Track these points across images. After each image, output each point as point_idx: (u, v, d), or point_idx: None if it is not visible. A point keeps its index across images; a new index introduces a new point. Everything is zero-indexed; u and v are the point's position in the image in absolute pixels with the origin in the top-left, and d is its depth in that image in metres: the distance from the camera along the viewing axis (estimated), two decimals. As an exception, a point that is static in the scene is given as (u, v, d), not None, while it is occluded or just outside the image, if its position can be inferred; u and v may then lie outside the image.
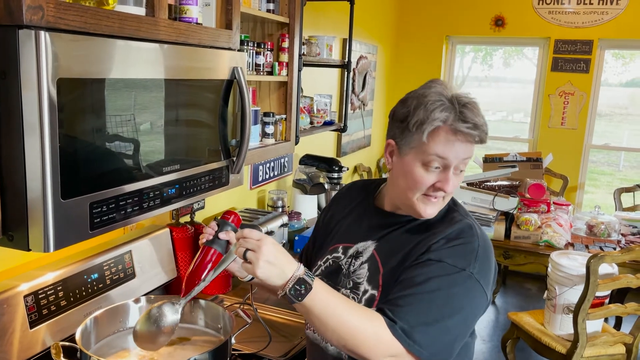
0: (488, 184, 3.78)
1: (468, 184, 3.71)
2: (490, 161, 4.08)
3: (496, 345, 3.55)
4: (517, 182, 3.80)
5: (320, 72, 3.26)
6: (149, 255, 1.73)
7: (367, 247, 1.21)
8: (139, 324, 1.12)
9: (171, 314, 1.11)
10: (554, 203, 3.63)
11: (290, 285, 1.01)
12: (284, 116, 2.23)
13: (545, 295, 2.85)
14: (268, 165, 2.79)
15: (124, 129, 1.16)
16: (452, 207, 1.21)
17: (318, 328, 1.05)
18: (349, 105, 3.54)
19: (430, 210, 1.15)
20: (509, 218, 3.44)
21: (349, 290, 1.19)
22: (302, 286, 1.01)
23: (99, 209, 1.11)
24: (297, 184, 2.96)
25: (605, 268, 2.60)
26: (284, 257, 1.03)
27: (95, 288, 1.51)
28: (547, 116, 4.70)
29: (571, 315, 2.59)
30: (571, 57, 4.57)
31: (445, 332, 1.06)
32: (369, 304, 1.15)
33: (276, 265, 1.02)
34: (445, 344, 1.07)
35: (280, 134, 2.23)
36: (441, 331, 1.06)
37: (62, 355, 1.03)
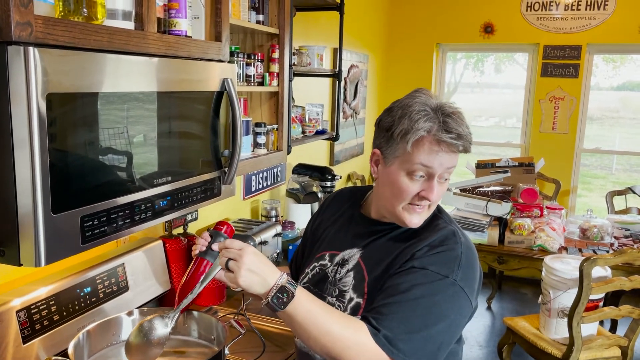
0: (481, 189, 3.80)
1: (461, 190, 3.73)
2: (482, 167, 4.10)
3: (493, 351, 3.55)
4: (510, 187, 3.82)
5: (311, 81, 3.28)
6: (142, 267, 1.73)
7: (353, 255, 1.22)
8: (130, 337, 1.11)
9: (161, 327, 1.11)
10: (547, 207, 3.65)
11: (273, 294, 1.02)
12: (275, 126, 2.24)
13: (540, 299, 2.86)
14: (261, 175, 2.80)
15: (115, 142, 1.17)
16: (437, 215, 1.22)
17: (301, 336, 1.05)
18: (341, 114, 3.56)
19: (415, 219, 1.16)
20: (502, 223, 3.46)
21: (334, 298, 1.20)
22: (284, 294, 1.02)
23: (90, 223, 1.11)
24: (291, 193, 2.97)
25: (598, 271, 2.61)
26: (266, 266, 1.05)
27: (89, 302, 1.51)
28: (538, 121, 4.74)
29: (566, 319, 2.60)
30: (560, 63, 4.62)
31: (429, 340, 1.06)
32: (354, 312, 1.15)
33: (258, 273, 1.04)
34: (429, 352, 1.07)
35: (272, 144, 2.24)
36: (425, 339, 1.06)
37: (54, 370, 1.03)
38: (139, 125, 1.24)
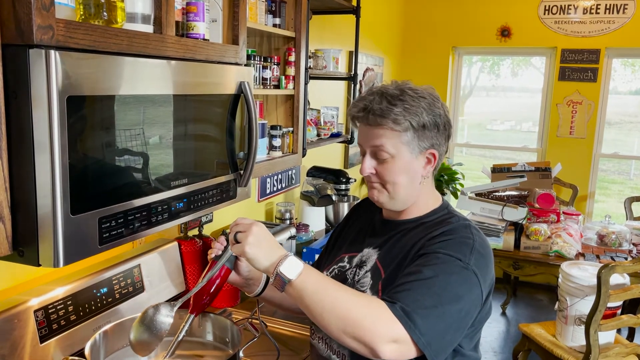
0: (496, 194, 3.77)
1: (476, 195, 3.70)
2: (498, 171, 4.06)
3: (507, 357, 3.51)
4: (526, 192, 3.78)
5: (326, 84, 3.28)
6: (157, 268, 1.74)
7: (371, 256, 1.22)
8: (134, 325, 1.12)
9: (166, 312, 1.10)
10: (563, 213, 3.61)
11: (280, 266, 1.02)
12: (291, 129, 2.24)
13: (556, 306, 2.82)
14: (275, 177, 2.80)
15: (133, 145, 1.18)
16: (451, 213, 1.23)
17: (314, 311, 1.02)
18: (356, 117, 3.54)
19: (372, 194, 1.22)
20: (518, 228, 3.42)
21: None
22: (291, 265, 1.02)
23: (108, 224, 1.12)
24: (305, 196, 2.97)
25: (616, 278, 2.57)
26: (273, 241, 1.07)
27: (105, 302, 1.52)
28: (555, 125, 4.69)
29: (583, 327, 2.56)
30: (578, 67, 4.56)
31: (443, 319, 1.03)
32: None
33: (264, 244, 1.05)
34: (440, 334, 1.03)
35: (288, 147, 2.24)
36: (439, 318, 1.03)
37: (71, 370, 1.04)
38: (156, 128, 1.25)
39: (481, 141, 7.28)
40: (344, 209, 3.04)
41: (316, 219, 2.94)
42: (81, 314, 1.44)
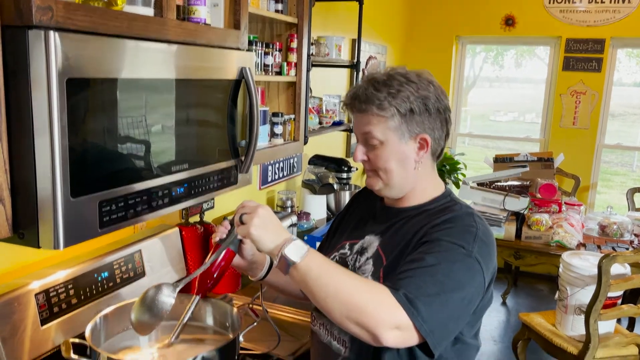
0: (498, 184, 3.76)
1: (478, 184, 3.69)
2: (500, 161, 4.06)
3: (507, 347, 3.52)
4: (528, 182, 3.78)
5: (329, 72, 3.27)
6: (159, 254, 1.75)
7: (372, 243, 1.21)
8: (135, 306, 1.12)
9: (168, 293, 1.10)
10: (565, 203, 3.60)
11: (285, 248, 1.02)
12: (292, 116, 2.23)
13: (556, 296, 2.82)
14: (277, 165, 2.80)
15: (133, 129, 1.17)
16: (454, 201, 1.22)
17: (317, 294, 1.02)
18: (358, 105, 3.52)
19: (368, 182, 1.23)
20: (519, 218, 3.42)
21: None
22: (296, 248, 1.02)
23: (108, 208, 1.12)
24: (306, 184, 2.97)
25: (617, 268, 2.57)
26: (279, 224, 1.08)
27: (106, 287, 1.52)
28: (558, 116, 4.66)
29: (583, 316, 2.56)
30: (583, 56, 4.53)
31: (446, 307, 1.03)
32: None
33: (269, 226, 1.06)
34: (443, 321, 1.03)
35: (289, 134, 2.24)
36: (442, 305, 1.02)
37: (72, 352, 1.04)
38: (156, 113, 1.24)
39: (484, 132, 7.26)
40: (346, 197, 3.04)
41: (317, 208, 2.94)
42: (82, 297, 1.44)
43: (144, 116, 1.20)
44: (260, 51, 2.01)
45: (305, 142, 2.35)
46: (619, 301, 2.66)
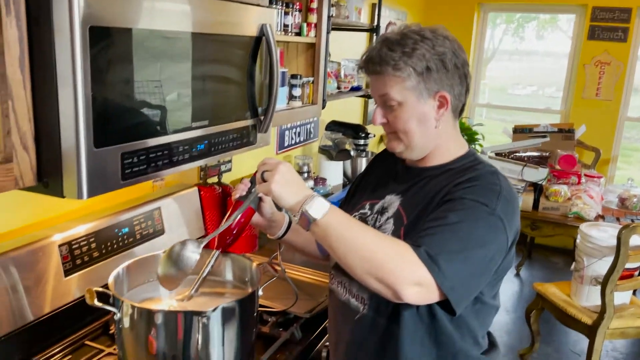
0: (517, 154, 3.71)
1: (496, 154, 3.65)
2: (520, 132, 3.99)
3: (520, 317, 3.53)
4: (548, 154, 3.72)
5: (348, 36, 3.21)
6: (177, 212, 1.76)
7: (393, 203, 1.21)
8: (162, 260, 1.14)
9: (193, 249, 1.12)
10: (585, 175, 3.55)
11: (306, 204, 1.02)
12: (311, 79, 2.21)
13: (572, 266, 2.81)
14: (294, 130, 2.78)
15: (155, 82, 1.17)
16: (477, 160, 1.20)
17: (338, 250, 1.02)
18: (377, 72, 3.47)
19: (389, 144, 1.21)
20: (537, 189, 3.39)
21: None
22: (317, 205, 1.02)
23: (130, 160, 1.12)
24: (323, 150, 2.96)
25: (636, 240, 2.54)
26: (300, 180, 1.08)
27: (126, 242, 1.54)
28: (581, 87, 4.56)
29: (599, 287, 2.56)
30: (608, 25, 4.40)
31: (468, 264, 1.02)
32: None
33: (291, 183, 1.06)
34: (464, 279, 1.02)
35: (308, 97, 2.22)
36: (464, 263, 1.02)
37: (95, 299, 1.06)
38: (178, 67, 1.23)
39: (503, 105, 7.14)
40: (362, 164, 3.03)
41: (334, 173, 2.94)
42: (103, 251, 1.46)
43: (165, 70, 1.19)
44: (280, 10, 1.97)
45: (324, 106, 2.33)
46: (636, 272, 2.64)
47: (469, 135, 4.49)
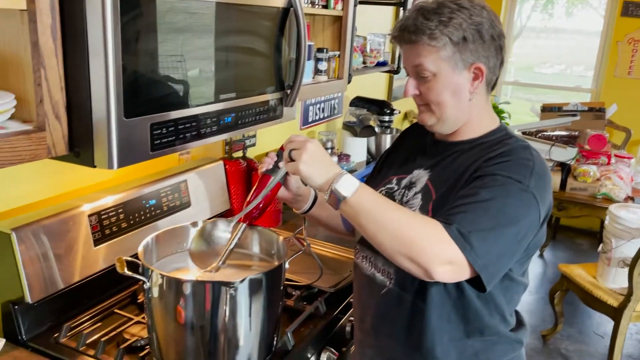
0: (545, 133, 3.64)
1: (523, 133, 3.58)
2: (548, 110, 3.90)
3: (543, 297, 3.51)
4: (577, 133, 3.64)
5: (374, 10, 3.15)
6: (203, 186, 1.77)
7: (421, 177, 1.19)
8: (194, 238, 1.15)
9: (223, 228, 1.13)
10: (615, 155, 3.47)
11: (335, 183, 1.01)
12: (337, 53, 2.18)
13: (599, 248, 2.77)
14: (318, 106, 2.76)
15: (184, 53, 1.16)
16: (509, 134, 1.18)
17: (368, 229, 1.01)
18: (403, 47, 3.42)
19: (420, 117, 1.18)
20: (565, 169, 3.32)
21: None
22: (347, 184, 1.00)
23: (159, 131, 1.12)
24: (347, 126, 2.93)
25: (667, 222, 2.49)
26: (328, 158, 1.05)
27: (153, 213, 1.56)
28: (613, 65, 4.43)
29: (626, 269, 2.51)
30: (645, 1, 4.24)
31: (500, 241, 1.00)
32: None
33: (319, 162, 1.04)
34: (496, 256, 1.01)
35: (333, 72, 2.19)
36: (496, 240, 1.00)
37: (125, 268, 1.07)
38: (204, 38, 1.22)
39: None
40: (387, 141, 3.00)
41: (358, 150, 2.92)
42: (131, 222, 1.48)
43: (192, 41, 1.18)
44: (307, -18, 1.94)
45: (349, 81, 2.30)
46: (666, 255, 2.59)
47: (496, 113, 4.41)
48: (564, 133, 3.65)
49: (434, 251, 0.97)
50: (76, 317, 1.34)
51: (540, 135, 3.61)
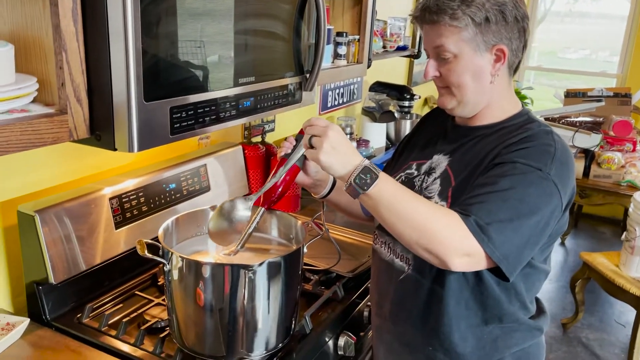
0: (569, 119, 3.57)
1: (546, 119, 3.52)
2: (572, 96, 3.82)
3: (563, 286, 3.47)
4: (602, 119, 3.56)
5: (395, -6, 3.11)
6: (222, 170, 1.78)
7: (441, 163, 1.17)
8: (213, 216, 1.16)
9: (243, 208, 1.13)
10: (640, 142, 3.39)
11: (356, 174, 0.99)
12: (357, 37, 2.15)
13: (623, 236, 2.72)
14: (337, 91, 2.74)
15: (203, 37, 1.16)
16: (531, 119, 1.15)
17: (388, 220, 1.00)
18: (424, 31, 3.37)
19: (440, 101, 1.17)
20: (589, 156, 3.26)
21: None
22: (368, 175, 0.99)
23: (179, 114, 1.12)
24: (367, 111, 2.91)
25: (694, 210, 2.43)
26: (350, 147, 1.03)
27: (173, 197, 1.57)
28: (640, 49, 4.31)
29: (651, 258, 2.47)
30: (676, -18, 4.11)
31: (519, 232, 0.99)
32: None
33: (340, 151, 1.01)
34: (516, 247, 1.00)
35: (353, 56, 2.17)
36: (515, 231, 0.99)
37: (146, 250, 1.08)
38: (225, 22, 1.21)
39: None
40: (406, 126, 2.98)
41: (377, 135, 2.90)
42: (152, 205, 1.50)
43: (213, 24, 1.18)
44: (327, -35, 1.91)
45: (369, 65, 2.27)
46: (692, 245, 2.54)
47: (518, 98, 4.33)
48: (588, 119, 3.58)
49: (451, 243, 0.96)
50: (98, 298, 1.37)
51: (563, 121, 3.54)
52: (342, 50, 2.07)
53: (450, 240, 0.96)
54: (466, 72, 1.09)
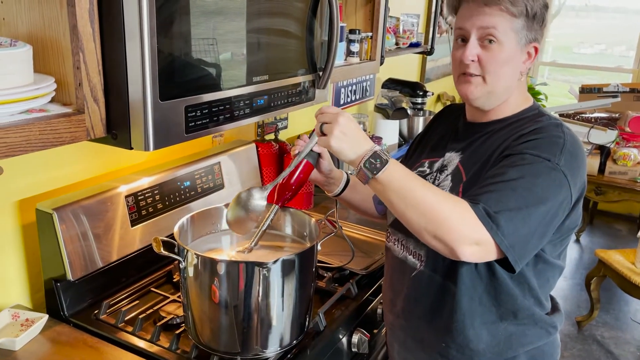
0: (584, 115, 3.53)
1: (560, 115, 3.48)
2: (587, 92, 3.78)
3: (578, 283, 3.44)
4: (617, 115, 3.52)
5: (407, -10, 3.10)
6: (236, 167, 1.79)
7: (452, 160, 1.18)
8: (230, 206, 1.18)
9: (258, 197, 1.16)
10: (657, 138, 3.34)
11: (366, 159, 1.00)
12: (370, 34, 2.15)
13: (639, 233, 2.69)
14: (350, 88, 2.74)
15: (217, 36, 1.16)
16: (541, 113, 1.15)
17: (397, 207, 1.01)
18: (437, 27, 3.35)
19: (466, 88, 1.12)
20: (604, 152, 3.22)
21: None
22: (377, 160, 1.00)
23: (194, 113, 1.13)
24: (379, 108, 2.91)
25: None
26: (360, 132, 1.04)
27: (188, 195, 1.58)
28: (657, 44, 4.24)
29: (667, 256, 2.44)
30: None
31: (527, 221, 0.99)
32: None
33: (351, 137, 1.02)
34: (524, 237, 0.99)
35: (366, 53, 2.16)
36: (524, 220, 0.98)
37: (162, 248, 1.10)
38: (238, 20, 1.22)
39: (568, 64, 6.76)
40: (419, 123, 2.97)
41: (389, 133, 2.89)
42: (167, 203, 1.51)
43: (227, 23, 1.19)
44: (339, -38, 1.91)
45: (382, 62, 2.27)
46: None
47: (532, 94, 4.29)
48: (603, 115, 3.54)
49: (460, 231, 0.96)
50: (114, 294, 1.38)
51: (578, 117, 3.51)
52: (354, 47, 2.07)
53: (460, 227, 0.96)
54: (506, 62, 1.09)
